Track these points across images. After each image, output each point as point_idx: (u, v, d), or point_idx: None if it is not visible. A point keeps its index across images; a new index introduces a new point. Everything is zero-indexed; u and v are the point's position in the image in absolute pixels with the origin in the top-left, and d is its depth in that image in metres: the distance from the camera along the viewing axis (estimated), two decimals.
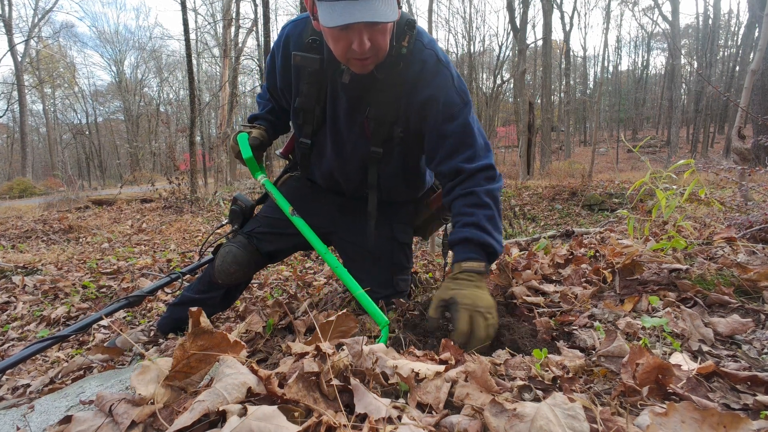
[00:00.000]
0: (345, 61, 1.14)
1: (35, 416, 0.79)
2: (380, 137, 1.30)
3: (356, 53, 1.07)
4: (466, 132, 1.23)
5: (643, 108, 34.25)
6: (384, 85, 1.23)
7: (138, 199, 8.89)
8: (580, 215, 7.52)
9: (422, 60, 1.21)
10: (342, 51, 1.09)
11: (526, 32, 13.71)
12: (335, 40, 1.08)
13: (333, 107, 1.32)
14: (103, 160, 29.48)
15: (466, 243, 1.14)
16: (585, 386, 0.78)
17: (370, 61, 1.12)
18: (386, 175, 1.40)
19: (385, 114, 1.26)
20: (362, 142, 1.33)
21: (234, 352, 0.75)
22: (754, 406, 0.68)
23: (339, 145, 1.37)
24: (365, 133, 1.31)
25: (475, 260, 1.12)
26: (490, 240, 1.13)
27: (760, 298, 1.12)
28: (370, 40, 1.05)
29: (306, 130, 1.39)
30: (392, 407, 0.65)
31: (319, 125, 1.37)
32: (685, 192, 1.64)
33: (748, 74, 2.94)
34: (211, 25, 19.17)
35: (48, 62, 25.97)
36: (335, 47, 1.10)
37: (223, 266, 1.50)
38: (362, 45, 1.04)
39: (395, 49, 1.18)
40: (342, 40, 1.06)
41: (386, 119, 1.27)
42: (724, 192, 4.20)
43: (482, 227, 1.14)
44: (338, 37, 1.06)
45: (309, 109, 1.34)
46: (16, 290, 2.68)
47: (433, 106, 1.22)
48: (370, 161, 1.36)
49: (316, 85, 1.29)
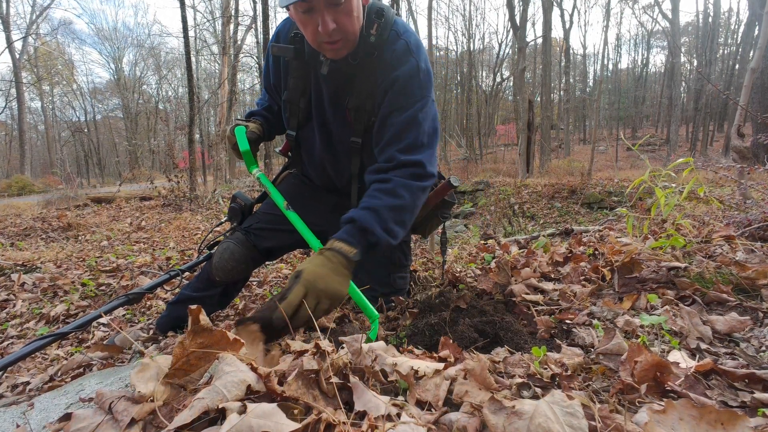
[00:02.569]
0: (317, 47, 1.16)
1: (35, 414, 0.79)
2: (361, 126, 1.31)
3: (323, 36, 1.09)
4: (412, 125, 1.18)
5: (642, 106, 34.23)
6: (361, 74, 1.25)
7: (137, 197, 8.88)
8: (579, 213, 7.53)
9: (393, 48, 1.22)
10: (311, 35, 1.12)
11: (525, 30, 13.67)
12: (303, 25, 1.11)
13: (318, 99, 1.34)
14: (101, 157, 29.42)
15: (350, 223, 1.07)
16: (584, 384, 0.78)
17: (340, 44, 1.13)
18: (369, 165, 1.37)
19: (363, 103, 1.27)
20: (346, 133, 1.35)
21: (233, 350, 0.75)
22: (752, 404, 0.68)
23: (327, 137, 1.39)
24: (348, 123, 1.33)
25: (347, 243, 1.03)
26: (375, 228, 1.05)
27: (759, 296, 1.12)
28: (334, 21, 1.07)
29: (292, 123, 1.42)
30: (391, 405, 0.66)
31: (305, 118, 1.40)
32: (684, 190, 1.64)
33: (747, 72, 2.93)
34: (210, 23, 19.10)
35: (46, 59, 25.89)
36: (305, 32, 1.13)
37: (220, 263, 1.50)
38: (326, 25, 1.06)
39: (364, 37, 1.19)
40: (309, 24, 1.09)
41: (365, 108, 1.28)
42: (723, 190, 4.21)
43: (377, 213, 1.07)
44: (304, 21, 1.09)
45: (294, 101, 1.37)
46: (15, 288, 2.68)
47: (390, 92, 1.21)
48: (353, 152, 1.37)
49: (301, 78, 1.33)
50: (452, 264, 2.20)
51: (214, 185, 10.90)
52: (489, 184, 9.99)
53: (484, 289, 1.47)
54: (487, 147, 26.11)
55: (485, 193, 9.55)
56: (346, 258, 1.01)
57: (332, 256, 1.00)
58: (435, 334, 1.13)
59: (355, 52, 1.20)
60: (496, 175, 13.15)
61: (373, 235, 1.05)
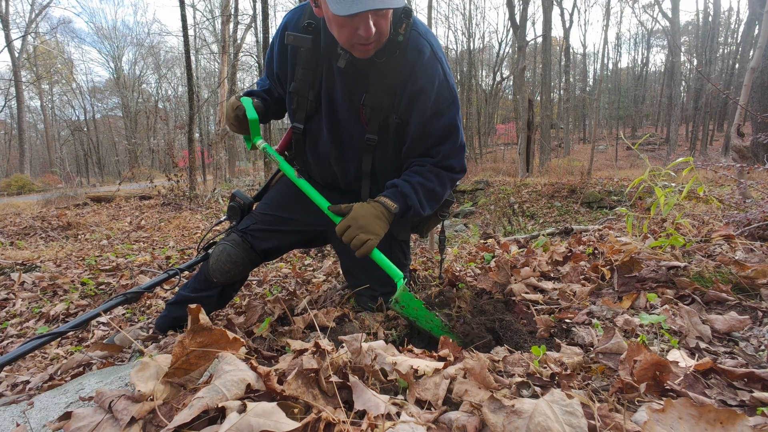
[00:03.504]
0: (349, 47, 1.15)
1: (35, 412, 0.79)
2: (376, 124, 1.31)
3: (362, 39, 1.09)
4: (451, 131, 1.29)
5: (642, 105, 34.22)
6: (380, 71, 1.24)
7: (137, 196, 8.87)
8: (579, 212, 7.53)
9: (418, 50, 1.23)
10: (347, 37, 1.11)
11: (525, 29, 13.66)
12: (340, 27, 1.09)
13: (329, 93, 1.32)
14: (101, 156, 29.39)
15: (393, 188, 1.29)
16: (583, 383, 0.78)
17: (373, 46, 1.14)
18: (380, 164, 1.40)
19: (381, 101, 1.27)
20: (359, 129, 1.34)
21: (233, 349, 0.75)
22: (751, 403, 0.68)
23: (336, 132, 1.37)
24: (362, 119, 1.32)
25: (390, 199, 1.26)
26: (412, 196, 1.26)
27: (758, 295, 1.12)
28: (375, 25, 1.08)
29: (299, 115, 1.40)
30: (391, 403, 0.66)
31: (313, 111, 1.38)
32: (683, 189, 1.64)
33: (747, 72, 2.93)
34: (210, 21, 19.07)
35: (45, 58, 25.84)
36: (340, 33, 1.11)
37: (217, 265, 1.49)
38: (368, 30, 1.07)
39: (392, 36, 1.19)
40: (348, 26, 1.08)
41: (382, 106, 1.28)
42: (722, 189, 4.21)
43: (413, 187, 1.27)
44: (344, 23, 1.08)
45: (303, 94, 1.35)
46: (15, 287, 2.68)
47: (423, 98, 1.24)
48: (366, 149, 1.36)
49: (311, 70, 1.31)
50: (452, 263, 2.21)
51: (213, 184, 10.89)
52: (489, 184, 9.99)
53: (484, 288, 1.47)
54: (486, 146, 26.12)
55: (485, 192, 9.56)
56: (388, 209, 1.25)
57: (377, 205, 1.25)
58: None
59: (381, 51, 1.20)
60: (496, 174, 13.15)
61: (410, 200, 1.26)
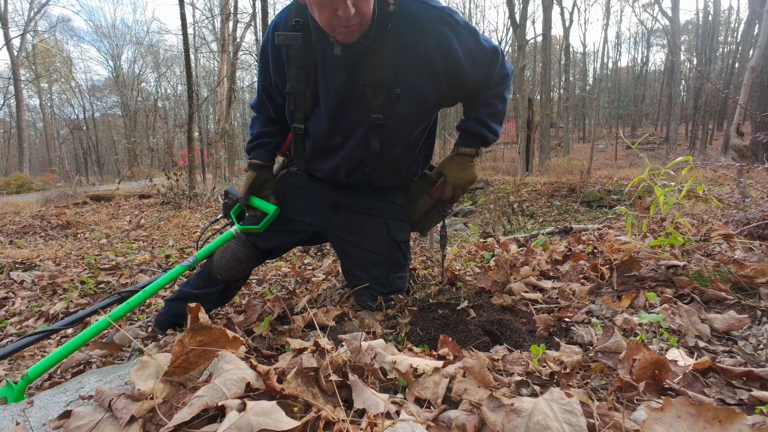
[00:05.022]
0: (330, 30, 1.14)
1: (34, 411, 0.79)
2: (379, 102, 1.28)
3: (341, 20, 1.08)
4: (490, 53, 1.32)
5: (642, 104, 34.22)
6: (375, 48, 1.22)
7: (136, 195, 8.87)
8: (578, 212, 7.53)
9: (414, 14, 1.21)
10: (327, 19, 1.10)
11: (525, 28, 13.65)
12: (321, 8, 1.09)
13: (326, 84, 1.30)
14: (100, 155, 29.33)
15: (466, 133, 1.41)
16: (582, 382, 0.78)
17: (355, 28, 1.13)
18: (388, 143, 1.37)
19: (379, 77, 1.25)
20: (362, 111, 1.30)
21: (233, 348, 0.75)
22: (750, 401, 0.68)
23: (338, 120, 1.34)
24: (363, 101, 1.29)
25: (467, 146, 1.41)
26: (485, 133, 1.38)
27: (757, 295, 1.12)
28: (354, 5, 1.07)
29: (298, 115, 1.38)
30: (391, 402, 0.66)
31: (311, 108, 1.35)
32: (683, 189, 1.64)
33: (747, 71, 2.93)
34: (209, 20, 19.03)
35: (44, 57, 25.80)
36: (320, 15, 1.11)
37: (221, 262, 1.50)
38: (347, 10, 1.06)
39: (382, 9, 1.18)
40: (326, 7, 1.08)
41: (383, 82, 1.25)
42: (722, 189, 4.21)
43: (483, 122, 1.38)
44: (323, 5, 1.08)
45: (299, 92, 1.33)
46: (15, 286, 2.68)
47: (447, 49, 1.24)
48: (372, 130, 1.33)
49: (303, 68, 1.30)
50: (452, 262, 2.21)
51: (213, 183, 10.88)
52: (488, 183, 9.99)
53: (483, 287, 1.47)
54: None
55: (485, 191, 9.55)
56: (470, 156, 1.42)
57: (460, 159, 1.42)
58: (437, 331, 1.13)
59: (368, 31, 1.18)
60: (496, 173, 13.14)
61: (484, 139, 1.39)
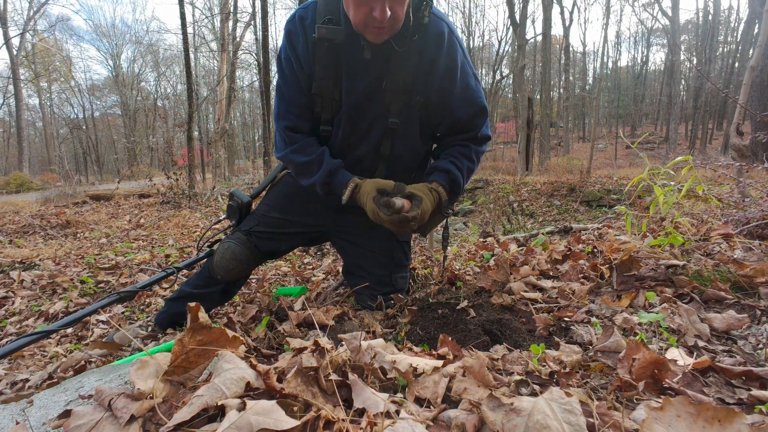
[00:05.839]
0: (363, 29, 1.15)
1: (34, 410, 0.79)
2: (398, 107, 1.31)
3: (376, 21, 1.10)
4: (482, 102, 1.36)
5: (642, 104, 34.21)
6: (401, 55, 1.25)
7: (136, 195, 8.86)
8: (578, 211, 7.53)
9: (439, 32, 1.25)
10: (362, 17, 1.12)
11: (525, 27, 13.63)
12: (357, 6, 1.10)
13: (350, 85, 1.30)
14: (100, 155, 29.30)
15: (446, 173, 1.35)
16: (582, 381, 0.78)
17: (386, 30, 1.15)
18: (399, 147, 1.40)
19: (402, 84, 1.28)
20: (381, 115, 1.34)
21: (232, 347, 0.75)
22: (749, 401, 0.68)
23: (356, 121, 1.35)
24: (383, 104, 1.32)
25: (443, 188, 1.34)
26: (460, 182, 1.37)
27: (756, 294, 1.12)
28: (390, 8, 1.09)
29: (325, 116, 1.36)
30: (390, 402, 0.66)
31: (337, 110, 1.35)
32: (682, 188, 1.64)
33: (747, 71, 2.93)
34: (209, 19, 19.00)
35: (44, 56, 25.76)
36: (355, 13, 1.12)
37: (222, 262, 1.50)
38: (383, 13, 1.08)
39: (413, 20, 1.20)
40: (364, 5, 1.09)
41: (404, 87, 1.29)
42: (721, 188, 4.21)
43: (461, 171, 1.36)
44: (360, 2, 1.09)
45: (327, 93, 1.31)
46: (14, 285, 2.68)
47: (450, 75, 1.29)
48: (386, 133, 1.36)
49: (331, 67, 1.28)
50: (451, 262, 2.21)
51: (213, 182, 10.86)
52: (488, 182, 9.98)
53: (483, 287, 1.47)
54: None
55: (484, 190, 9.55)
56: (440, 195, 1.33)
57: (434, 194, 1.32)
58: (437, 330, 1.13)
59: (399, 35, 1.20)
60: (496, 172, 13.14)
61: (458, 188, 1.36)
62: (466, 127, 1.37)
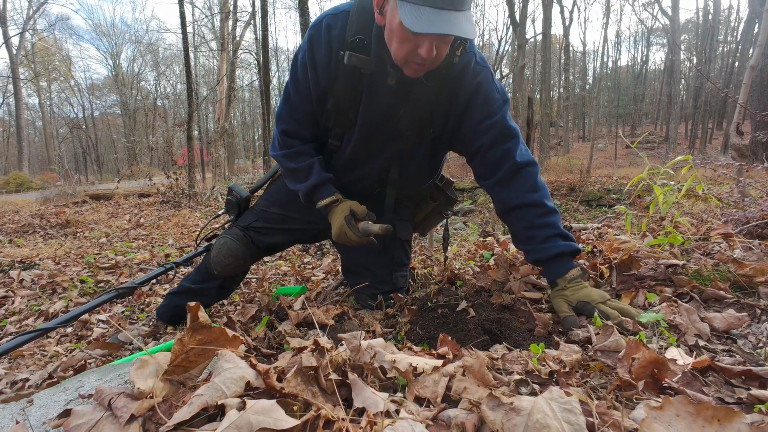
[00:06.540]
0: (402, 63, 1.12)
1: (34, 410, 0.79)
2: (412, 135, 1.30)
3: (419, 58, 1.07)
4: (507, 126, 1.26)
5: (642, 103, 34.20)
6: (423, 86, 1.22)
7: (135, 194, 8.86)
8: (578, 211, 7.54)
9: (464, 63, 1.22)
10: (405, 53, 1.08)
11: (525, 27, 13.62)
12: (402, 41, 1.06)
13: (367, 108, 1.28)
14: (100, 154, 29.28)
15: (561, 257, 1.21)
16: (581, 380, 0.78)
17: (426, 67, 1.12)
18: (406, 172, 1.41)
19: (419, 113, 1.26)
20: (393, 140, 1.33)
21: (232, 347, 0.75)
22: (748, 400, 0.68)
23: (368, 143, 1.34)
24: (398, 131, 1.31)
25: (573, 268, 1.20)
26: (574, 245, 1.23)
27: (756, 294, 1.12)
28: (436, 48, 1.06)
29: (336, 131, 1.34)
30: (390, 401, 0.66)
31: (351, 126, 1.33)
32: (682, 188, 1.64)
33: (747, 70, 2.93)
34: (209, 18, 18.98)
35: (43, 55, 25.74)
36: (399, 48, 1.08)
37: (218, 258, 1.50)
38: (430, 52, 1.05)
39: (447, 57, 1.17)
40: (410, 42, 1.05)
41: (421, 117, 1.27)
42: (721, 188, 4.21)
43: (564, 235, 1.23)
44: (407, 39, 1.05)
45: (343, 111, 1.29)
46: (14, 285, 2.68)
47: (474, 104, 1.24)
48: (394, 158, 1.36)
49: (352, 88, 1.25)
50: (451, 261, 2.21)
51: (212, 182, 10.86)
52: None
53: (483, 286, 1.47)
54: None
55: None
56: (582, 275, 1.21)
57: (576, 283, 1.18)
58: (436, 330, 1.13)
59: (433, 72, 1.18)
60: None
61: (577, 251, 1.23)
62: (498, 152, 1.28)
